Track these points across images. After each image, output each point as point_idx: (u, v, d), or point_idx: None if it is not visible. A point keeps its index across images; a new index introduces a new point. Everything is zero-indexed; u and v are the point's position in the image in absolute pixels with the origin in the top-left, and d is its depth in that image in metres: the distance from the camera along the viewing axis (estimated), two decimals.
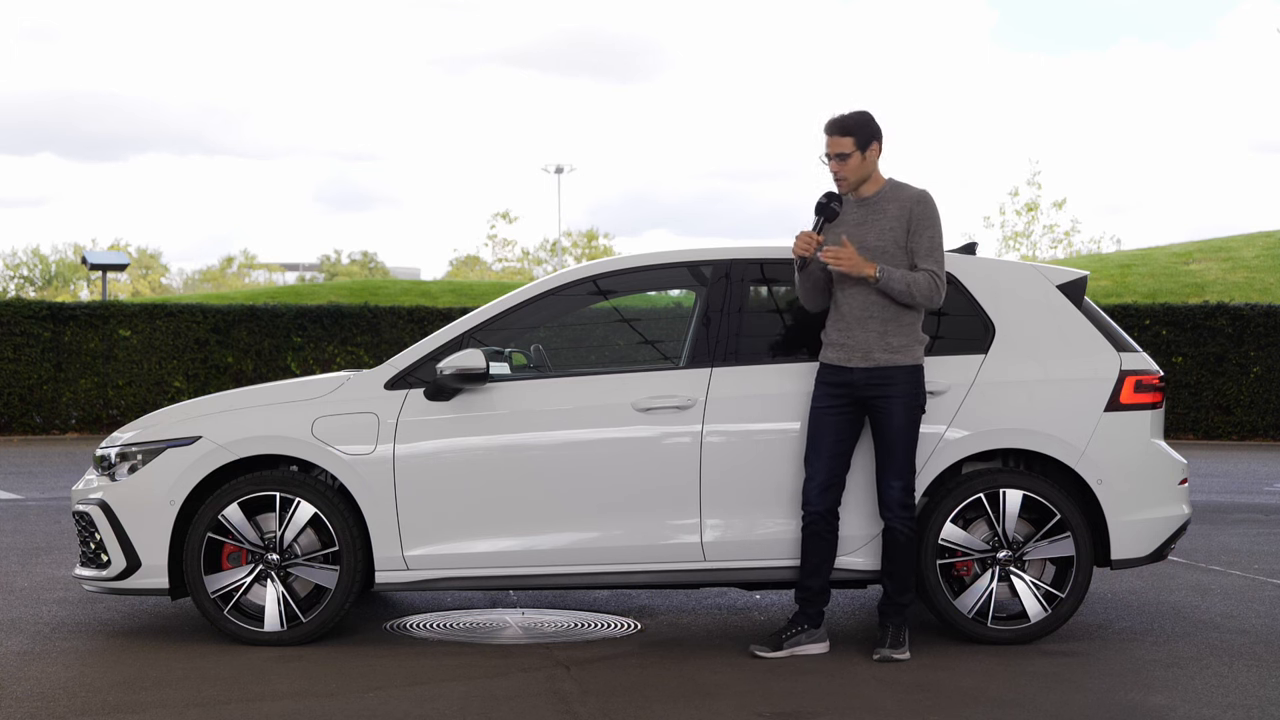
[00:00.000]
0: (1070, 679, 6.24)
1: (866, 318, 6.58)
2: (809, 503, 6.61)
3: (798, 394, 6.85)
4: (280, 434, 6.90)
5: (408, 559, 6.82)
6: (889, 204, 6.64)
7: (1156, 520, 7.06)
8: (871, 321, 6.58)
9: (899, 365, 6.57)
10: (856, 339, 6.59)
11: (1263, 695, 5.98)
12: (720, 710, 5.70)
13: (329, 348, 23.78)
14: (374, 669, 6.38)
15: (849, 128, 6.61)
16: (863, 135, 6.61)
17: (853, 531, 6.78)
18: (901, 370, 6.57)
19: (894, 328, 6.58)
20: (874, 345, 6.57)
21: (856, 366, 6.58)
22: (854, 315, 6.60)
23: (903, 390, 6.56)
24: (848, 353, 6.61)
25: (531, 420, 6.90)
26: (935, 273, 6.56)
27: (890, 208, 6.63)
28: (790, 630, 6.68)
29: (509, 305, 7.14)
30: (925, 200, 6.64)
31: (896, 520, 6.59)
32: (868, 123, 6.64)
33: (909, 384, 6.58)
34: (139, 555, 6.88)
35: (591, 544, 6.83)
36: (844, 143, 6.61)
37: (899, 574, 6.66)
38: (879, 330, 6.57)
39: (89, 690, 5.97)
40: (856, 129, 6.61)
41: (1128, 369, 7.07)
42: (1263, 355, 23.42)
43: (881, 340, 6.57)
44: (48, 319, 22.80)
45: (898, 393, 6.55)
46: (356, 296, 34.21)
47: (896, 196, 6.65)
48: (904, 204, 6.62)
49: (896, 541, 6.61)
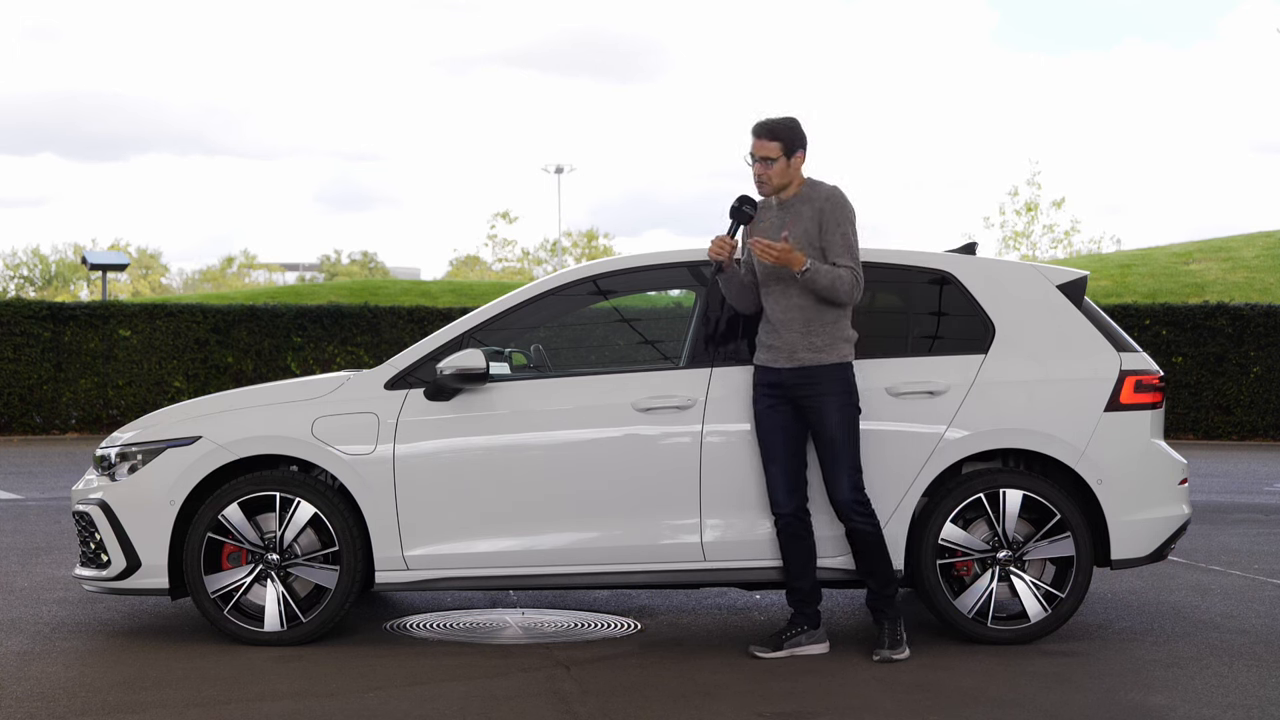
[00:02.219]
0: (1070, 679, 6.24)
1: (789, 319, 6.60)
2: (777, 505, 6.64)
3: None
4: (280, 434, 6.90)
5: (408, 559, 6.82)
6: (804, 204, 6.65)
7: (1156, 520, 7.06)
8: (794, 323, 6.59)
9: (823, 364, 6.57)
10: (782, 339, 6.61)
11: (1263, 695, 5.98)
12: (720, 710, 5.70)
13: (329, 348, 23.78)
14: (374, 669, 6.38)
15: (777, 133, 6.63)
16: (790, 142, 6.63)
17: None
18: (826, 369, 6.57)
19: (817, 327, 6.58)
20: (798, 345, 6.58)
21: (783, 367, 6.60)
22: (777, 317, 6.62)
23: (831, 389, 6.56)
24: (774, 354, 6.63)
25: (531, 420, 6.90)
26: (853, 269, 6.55)
27: (805, 208, 6.64)
28: (790, 631, 6.68)
29: (509, 305, 7.14)
30: (835, 197, 6.63)
31: (856, 520, 6.59)
32: (796, 130, 6.66)
33: (836, 382, 6.57)
34: (139, 555, 6.88)
35: (591, 544, 6.84)
36: (771, 147, 6.62)
37: (876, 570, 6.66)
38: (801, 330, 6.58)
39: (89, 690, 5.97)
40: (784, 135, 6.63)
41: (1128, 369, 7.07)
42: (1263, 355, 23.42)
43: (805, 340, 6.58)
44: (48, 319, 22.80)
45: (827, 391, 6.55)
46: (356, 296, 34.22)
47: (810, 196, 6.66)
48: (816, 203, 6.63)
49: (864, 540, 6.61)
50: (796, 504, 6.63)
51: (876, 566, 6.65)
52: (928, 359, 6.99)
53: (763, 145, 6.63)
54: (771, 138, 6.63)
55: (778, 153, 6.63)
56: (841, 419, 6.57)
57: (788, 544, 6.66)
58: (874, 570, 6.66)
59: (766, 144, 6.63)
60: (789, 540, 6.66)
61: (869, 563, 6.65)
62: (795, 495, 6.63)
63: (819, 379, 6.56)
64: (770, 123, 6.65)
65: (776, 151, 6.63)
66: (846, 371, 6.61)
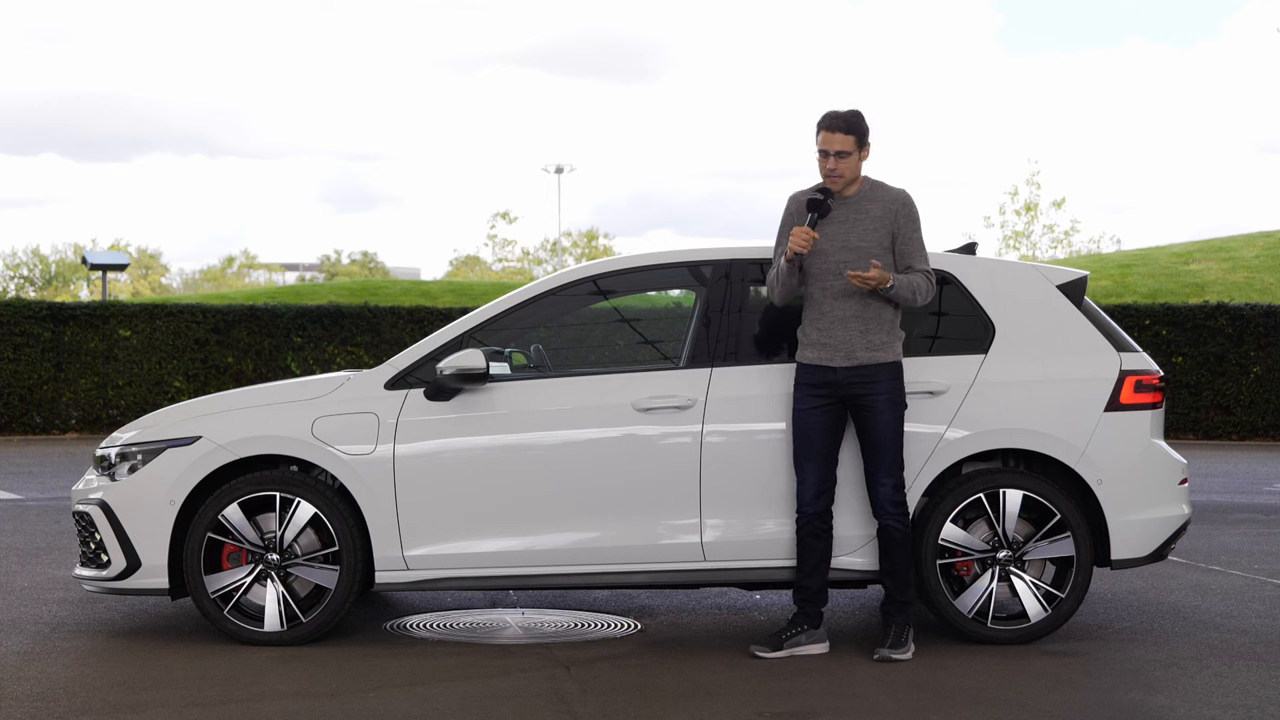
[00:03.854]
0: (1070, 679, 6.24)
1: (849, 316, 6.58)
2: (804, 504, 6.62)
3: None
4: (280, 434, 6.91)
5: (408, 559, 6.82)
6: (870, 203, 6.64)
7: (1156, 520, 7.06)
8: (854, 320, 6.58)
9: (881, 363, 6.58)
10: (838, 338, 6.59)
11: (1262, 695, 5.98)
12: (720, 710, 5.70)
13: (329, 348, 23.78)
14: (374, 669, 6.38)
15: (853, 126, 6.61)
16: (862, 135, 6.62)
17: (850, 532, 6.79)
18: (883, 368, 6.58)
19: (875, 326, 6.59)
20: (856, 344, 6.57)
21: (839, 366, 6.58)
22: (835, 314, 6.60)
23: (886, 388, 6.57)
24: (829, 352, 6.60)
25: (531, 420, 6.90)
26: (928, 273, 6.62)
27: (872, 207, 6.63)
28: (790, 631, 6.68)
29: (509, 305, 7.14)
30: (909, 201, 6.66)
31: (890, 518, 6.59)
32: (865, 123, 6.65)
33: (891, 380, 6.59)
34: (139, 555, 6.88)
35: (591, 544, 6.84)
36: (846, 141, 6.60)
37: (898, 572, 6.66)
38: (861, 329, 6.58)
39: (89, 690, 5.97)
40: (858, 128, 6.61)
41: (1128, 369, 7.07)
42: (1263, 355, 23.41)
43: (864, 339, 6.57)
44: (48, 319, 22.79)
45: (881, 390, 6.56)
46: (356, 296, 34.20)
47: (878, 196, 6.66)
48: (887, 204, 6.63)
49: (893, 539, 6.62)
50: (823, 505, 6.62)
51: (899, 568, 6.65)
52: (928, 359, 6.99)
53: (838, 139, 6.59)
54: (847, 131, 6.59)
55: (852, 146, 6.60)
56: (892, 417, 6.58)
57: (805, 542, 6.65)
58: (895, 571, 6.66)
59: (843, 138, 6.59)
60: (807, 538, 6.64)
61: (892, 562, 6.65)
62: (824, 497, 6.62)
63: (876, 377, 6.56)
64: (845, 115, 6.62)
65: (851, 145, 6.60)
66: (900, 370, 6.63)
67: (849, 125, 6.60)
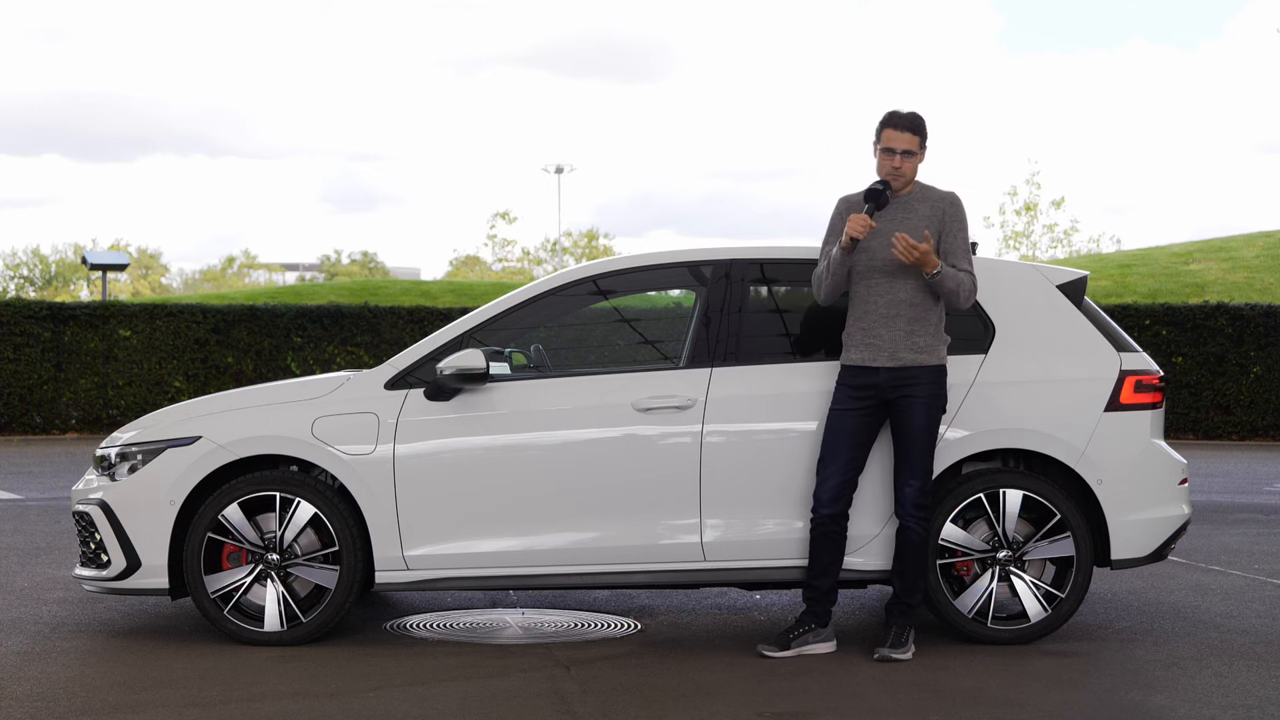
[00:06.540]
0: (1070, 679, 6.24)
1: (893, 315, 6.58)
2: (821, 505, 6.61)
3: (798, 394, 6.86)
4: (280, 434, 6.91)
5: (408, 559, 6.83)
6: (920, 203, 6.66)
7: (1156, 520, 7.06)
8: (898, 320, 6.58)
9: (924, 365, 6.57)
10: (882, 338, 6.58)
11: (1262, 695, 5.98)
12: (720, 710, 5.70)
13: (329, 348, 23.78)
14: (374, 669, 6.38)
15: (918, 126, 6.65)
16: (925, 136, 6.67)
17: (856, 531, 6.78)
18: (926, 370, 6.58)
19: (920, 327, 6.58)
20: (900, 344, 6.57)
21: (882, 366, 6.58)
22: (880, 313, 6.59)
23: (926, 391, 6.57)
24: (873, 352, 6.59)
25: (531, 420, 6.90)
26: (973, 274, 6.63)
27: (921, 207, 6.65)
28: (798, 630, 6.68)
29: (509, 305, 7.14)
30: (957, 202, 6.68)
31: (911, 520, 6.59)
32: (926, 126, 6.68)
33: (933, 384, 6.59)
34: (139, 555, 6.88)
35: (591, 544, 6.84)
36: (913, 140, 6.63)
37: (909, 574, 6.66)
38: (905, 330, 6.57)
39: (89, 690, 5.97)
40: (922, 129, 6.66)
41: (1128, 369, 7.07)
42: (1263, 355, 23.41)
43: (908, 340, 6.57)
44: (48, 319, 22.80)
45: (921, 393, 6.56)
46: (356, 296, 34.19)
47: (927, 196, 6.69)
48: (936, 204, 6.66)
49: (910, 541, 6.61)
50: (840, 509, 6.62)
51: (909, 569, 6.65)
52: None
53: (905, 138, 6.62)
54: (914, 131, 6.62)
55: (917, 146, 6.64)
56: (927, 421, 6.58)
57: (819, 541, 6.64)
58: (906, 572, 6.66)
59: (910, 137, 6.62)
60: (820, 539, 6.64)
61: (905, 563, 6.65)
62: (841, 500, 6.62)
63: (919, 379, 6.56)
64: (911, 115, 6.66)
65: (916, 145, 6.63)
66: (942, 374, 6.63)
67: (915, 125, 6.63)
